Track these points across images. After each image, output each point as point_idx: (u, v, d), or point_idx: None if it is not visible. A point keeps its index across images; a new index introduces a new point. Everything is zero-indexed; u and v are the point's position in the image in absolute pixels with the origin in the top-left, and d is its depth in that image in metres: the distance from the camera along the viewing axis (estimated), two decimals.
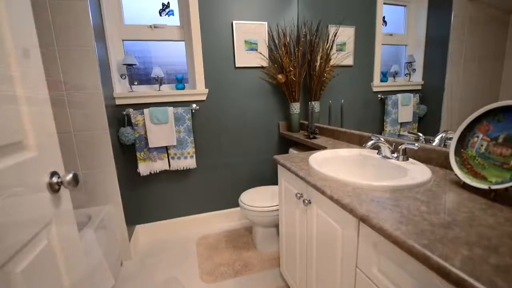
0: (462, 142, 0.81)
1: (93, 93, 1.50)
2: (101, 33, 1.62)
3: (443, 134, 1.03)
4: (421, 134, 1.13)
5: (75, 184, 0.66)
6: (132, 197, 2.00)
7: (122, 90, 1.87)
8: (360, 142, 1.47)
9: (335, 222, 0.85)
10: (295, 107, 2.05)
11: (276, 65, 2.09)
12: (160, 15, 1.90)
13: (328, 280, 0.93)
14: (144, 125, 1.83)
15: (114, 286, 1.48)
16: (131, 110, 1.80)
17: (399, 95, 1.24)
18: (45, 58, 1.36)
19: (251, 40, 1.99)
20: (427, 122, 1.10)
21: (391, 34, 1.30)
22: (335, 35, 1.65)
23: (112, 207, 1.64)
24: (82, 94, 1.49)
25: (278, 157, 1.30)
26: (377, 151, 1.17)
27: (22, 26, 0.59)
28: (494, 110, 0.74)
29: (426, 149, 1.05)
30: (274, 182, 2.31)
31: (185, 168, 1.97)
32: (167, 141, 1.87)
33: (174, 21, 1.93)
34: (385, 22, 1.32)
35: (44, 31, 1.37)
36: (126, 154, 1.91)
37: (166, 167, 1.93)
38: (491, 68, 0.85)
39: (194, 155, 1.97)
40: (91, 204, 1.61)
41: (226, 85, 2.03)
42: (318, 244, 0.98)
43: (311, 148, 1.78)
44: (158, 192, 2.05)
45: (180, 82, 1.94)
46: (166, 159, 1.92)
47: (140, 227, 2.04)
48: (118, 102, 1.80)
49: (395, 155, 1.06)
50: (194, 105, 1.94)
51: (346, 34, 1.57)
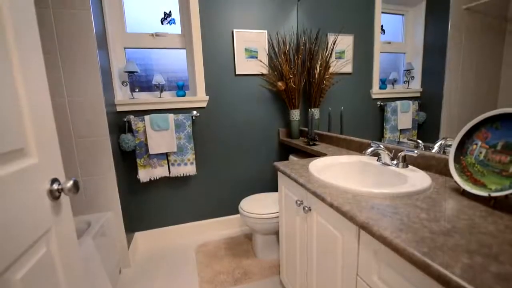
0: (461, 149, 0.82)
1: (94, 100, 1.51)
2: (103, 41, 1.64)
3: (443, 141, 1.03)
4: (420, 141, 1.14)
5: (76, 191, 0.66)
6: (131, 204, 1.99)
7: (123, 97, 1.89)
8: (360, 149, 1.47)
9: (336, 230, 0.85)
10: (295, 114, 2.06)
11: (276, 72, 2.11)
12: (161, 24, 1.93)
13: None
14: (144, 131, 1.83)
15: None
16: (132, 117, 1.81)
17: (398, 102, 1.25)
18: (47, 65, 1.38)
19: (251, 48, 2.02)
20: (427, 129, 1.11)
21: (390, 42, 1.31)
22: (334, 43, 1.67)
23: (111, 214, 1.63)
24: (83, 100, 1.50)
25: (278, 163, 1.30)
26: (376, 158, 1.17)
27: (27, 34, 0.60)
28: (492, 118, 0.74)
29: (426, 156, 1.05)
30: (274, 189, 2.31)
31: (185, 174, 1.97)
32: (168, 147, 1.87)
33: (176, 29, 1.96)
34: (383, 31, 1.34)
35: (47, 39, 1.39)
36: (126, 160, 1.91)
37: (166, 174, 1.93)
38: (489, 75, 0.86)
39: (194, 162, 1.97)
40: (90, 210, 1.61)
41: (227, 92, 2.04)
42: (319, 251, 0.98)
43: (311, 154, 1.78)
44: (157, 199, 2.04)
45: (181, 89, 1.96)
46: (166, 166, 1.92)
47: (139, 234, 2.03)
48: (119, 109, 1.81)
49: (395, 162, 1.06)
50: (195, 112, 1.96)
51: (345, 42, 1.59)
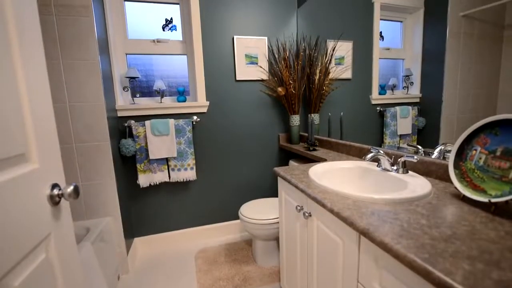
0: (460, 155, 0.82)
1: (95, 105, 1.52)
2: (105, 47, 1.66)
3: (442, 147, 1.03)
4: (420, 147, 1.14)
5: (76, 196, 0.66)
6: (131, 209, 1.98)
7: (124, 102, 1.90)
8: (359, 154, 1.47)
9: (336, 236, 0.84)
10: (295, 120, 2.07)
11: (276, 78, 2.12)
12: (163, 30, 1.95)
13: None
14: (145, 136, 1.84)
15: None
16: (133, 122, 1.81)
17: (398, 108, 1.25)
18: (49, 70, 1.39)
19: (252, 54, 2.03)
20: (426, 134, 1.11)
21: (388, 49, 1.33)
22: (334, 50, 1.69)
23: (110, 219, 1.62)
24: (84, 105, 1.51)
25: (278, 169, 1.30)
26: (376, 164, 1.17)
27: (30, 40, 0.61)
28: (491, 124, 0.75)
29: (426, 161, 1.05)
30: (274, 194, 2.30)
31: (185, 180, 1.96)
32: (168, 152, 1.88)
33: (177, 36, 1.98)
34: (382, 37, 1.35)
35: (50, 45, 1.40)
36: (126, 165, 1.91)
37: (166, 179, 1.93)
38: (488, 81, 0.87)
39: (194, 167, 1.97)
40: (90, 216, 1.60)
41: (227, 97, 2.06)
42: (319, 258, 0.97)
43: (311, 160, 1.78)
44: (157, 204, 2.03)
45: (181, 94, 1.97)
46: (166, 171, 1.92)
47: (138, 240, 2.02)
48: (120, 114, 1.82)
49: (395, 168, 1.06)
50: (195, 117, 1.96)
51: (344, 49, 1.60)
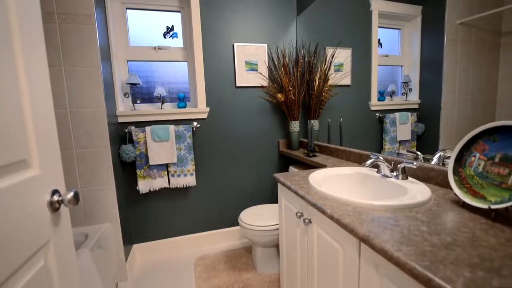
0: (460, 161, 0.82)
1: (96, 111, 1.53)
2: (107, 54, 1.68)
3: (441, 153, 1.03)
4: (419, 153, 1.14)
5: (76, 202, 0.66)
6: (130, 215, 1.97)
7: (125, 108, 1.91)
8: (359, 160, 1.47)
9: (336, 242, 0.84)
10: (295, 126, 2.08)
11: (276, 84, 2.14)
12: (164, 37, 1.98)
13: None
14: (145, 142, 1.84)
15: None
16: (133, 128, 1.82)
17: (397, 114, 1.26)
18: (52, 77, 1.41)
19: (252, 61, 2.05)
20: (426, 140, 1.11)
21: (387, 55, 1.34)
22: (333, 57, 1.71)
23: (109, 226, 1.62)
24: (85, 111, 1.52)
25: (278, 175, 1.30)
26: (376, 170, 1.17)
27: (33, 47, 0.62)
28: (490, 130, 0.75)
29: (425, 168, 1.06)
30: (274, 200, 2.29)
31: (184, 185, 1.96)
32: (168, 158, 1.88)
33: (178, 43, 2.00)
34: (380, 44, 1.37)
35: (52, 52, 1.42)
36: (126, 171, 1.91)
37: (166, 185, 1.92)
38: (486, 87, 0.88)
39: (194, 173, 1.97)
40: (88, 222, 1.59)
41: (227, 104, 2.07)
42: (320, 265, 0.96)
43: (311, 166, 1.78)
44: (156, 210, 2.02)
45: (182, 100, 1.98)
46: (166, 177, 1.92)
47: (137, 247, 2.00)
48: (120, 120, 1.83)
49: (395, 174, 1.06)
50: (195, 123, 1.97)
51: (343, 56, 1.62)
